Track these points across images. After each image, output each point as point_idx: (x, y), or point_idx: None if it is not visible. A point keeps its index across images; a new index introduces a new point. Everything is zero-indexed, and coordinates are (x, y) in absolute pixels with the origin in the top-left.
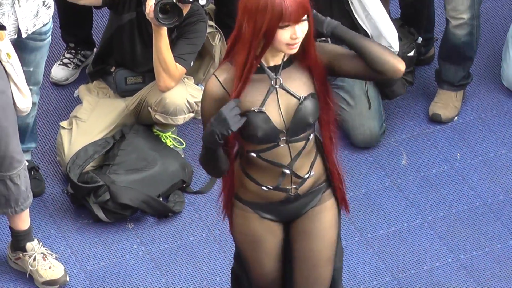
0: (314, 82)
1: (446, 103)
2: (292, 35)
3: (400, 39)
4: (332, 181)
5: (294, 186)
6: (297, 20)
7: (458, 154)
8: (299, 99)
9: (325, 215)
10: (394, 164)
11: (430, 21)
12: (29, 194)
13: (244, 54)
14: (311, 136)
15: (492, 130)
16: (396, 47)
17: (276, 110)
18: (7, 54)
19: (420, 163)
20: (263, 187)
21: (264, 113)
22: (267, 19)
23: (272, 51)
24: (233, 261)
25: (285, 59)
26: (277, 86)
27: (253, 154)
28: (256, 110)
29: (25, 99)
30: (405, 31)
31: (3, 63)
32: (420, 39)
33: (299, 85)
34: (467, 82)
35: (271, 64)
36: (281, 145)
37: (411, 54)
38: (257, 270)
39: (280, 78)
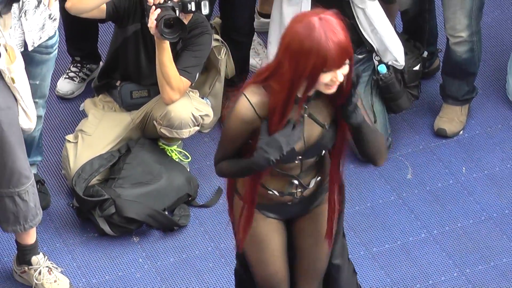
0: (335, 112)
1: (451, 118)
2: (333, 78)
3: (405, 53)
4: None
5: (300, 190)
6: (340, 66)
7: (464, 168)
8: (323, 127)
9: (326, 214)
10: (400, 178)
11: (433, 35)
12: (38, 211)
13: (285, 93)
14: (324, 153)
15: (497, 144)
16: (401, 61)
17: (301, 138)
18: (11, 78)
19: (426, 177)
20: (269, 191)
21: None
22: (311, 64)
23: None
24: (235, 262)
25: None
26: (305, 115)
27: None
28: None
29: (30, 121)
30: (411, 45)
31: (8, 85)
32: (426, 53)
33: (323, 113)
34: (472, 96)
35: (299, 95)
36: (295, 162)
37: (417, 68)
38: (263, 272)
39: (306, 107)
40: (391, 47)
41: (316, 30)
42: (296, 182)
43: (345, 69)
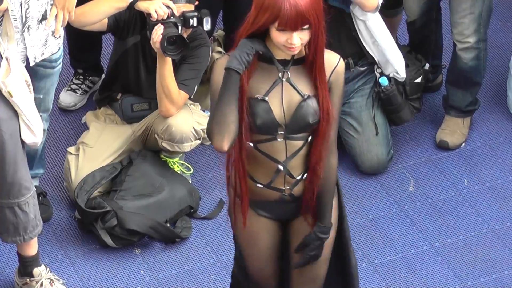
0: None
1: (453, 130)
2: (288, 40)
3: (407, 66)
4: (305, 191)
5: (288, 187)
6: (294, 28)
7: (466, 181)
8: (302, 96)
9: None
10: (402, 191)
11: (438, 48)
12: (38, 222)
13: (242, 33)
14: (310, 139)
15: (499, 157)
16: (402, 73)
17: (279, 103)
18: (9, 92)
19: (428, 189)
20: (257, 184)
21: (267, 102)
22: (265, 18)
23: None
24: (233, 264)
25: (295, 56)
26: (284, 79)
27: (251, 144)
28: (259, 98)
29: (33, 136)
30: (413, 57)
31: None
32: (427, 66)
33: (306, 84)
34: (475, 108)
35: (281, 57)
36: (279, 139)
37: (419, 80)
38: (251, 265)
39: (288, 72)
40: (391, 60)
41: None
42: (281, 168)
43: (304, 34)
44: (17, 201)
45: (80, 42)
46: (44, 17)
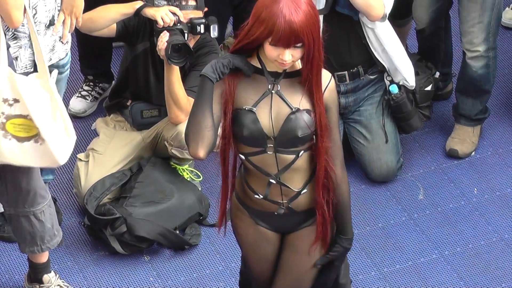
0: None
1: (463, 139)
2: (280, 56)
3: (417, 74)
4: (317, 212)
5: (285, 201)
6: (287, 45)
7: (475, 189)
8: (291, 109)
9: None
10: (411, 199)
11: (447, 56)
12: (56, 232)
13: (236, 46)
14: (302, 153)
15: (509, 165)
16: (411, 81)
17: (267, 114)
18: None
19: (437, 198)
20: (255, 195)
21: (254, 113)
22: (259, 31)
23: None
24: (241, 262)
25: (287, 69)
26: (273, 91)
27: (242, 157)
28: (246, 109)
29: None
30: (423, 65)
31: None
32: (437, 74)
33: (297, 98)
34: (484, 116)
35: (273, 69)
36: (269, 152)
37: (428, 88)
38: (255, 270)
39: (278, 85)
40: (400, 68)
41: (278, 4)
42: (273, 181)
43: (296, 51)
44: (32, 209)
45: (90, 48)
46: (51, 23)
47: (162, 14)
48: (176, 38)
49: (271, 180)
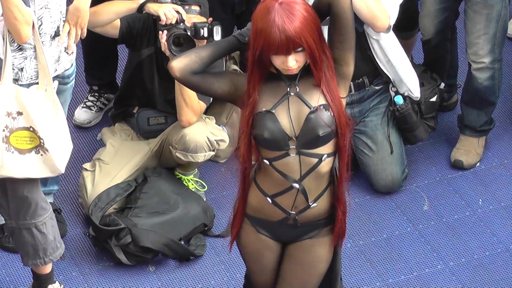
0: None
1: (468, 150)
2: (284, 63)
3: (422, 85)
4: (336, 212)
5: (294, 212)
6: (287, 52)
7: (480, 200)
8: (310, 108)
9: (319, 249)
10: (416, 210)
11: (453, 67)
12: (58, 244)
13: (249, 67)
14: (325, 157)
15: None
16: (416, 93)
17: (286, 115)
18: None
19: (442, 208)
20: (267, 198)
21: (273, 113)
22: (261, 44)
23: None
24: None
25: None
26: (292, 94)
27: (266, 162)
28: (265, 110)
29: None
30: (428, 76)
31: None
32: (443, 85)
33: (315, 97)
34: (490, 128)
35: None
36: (291, 154)
37: (434, 99)
38: (256, 279)
39: (296, 86)
40: (405, 79)
41: (271, 14)
42: (296, 185)
43: (299, 55)
44: (34, 221)
45: (96, 58)
46: (57, 34)
47: (165, 10)
48: (178, 30)
49: (294, 185)
